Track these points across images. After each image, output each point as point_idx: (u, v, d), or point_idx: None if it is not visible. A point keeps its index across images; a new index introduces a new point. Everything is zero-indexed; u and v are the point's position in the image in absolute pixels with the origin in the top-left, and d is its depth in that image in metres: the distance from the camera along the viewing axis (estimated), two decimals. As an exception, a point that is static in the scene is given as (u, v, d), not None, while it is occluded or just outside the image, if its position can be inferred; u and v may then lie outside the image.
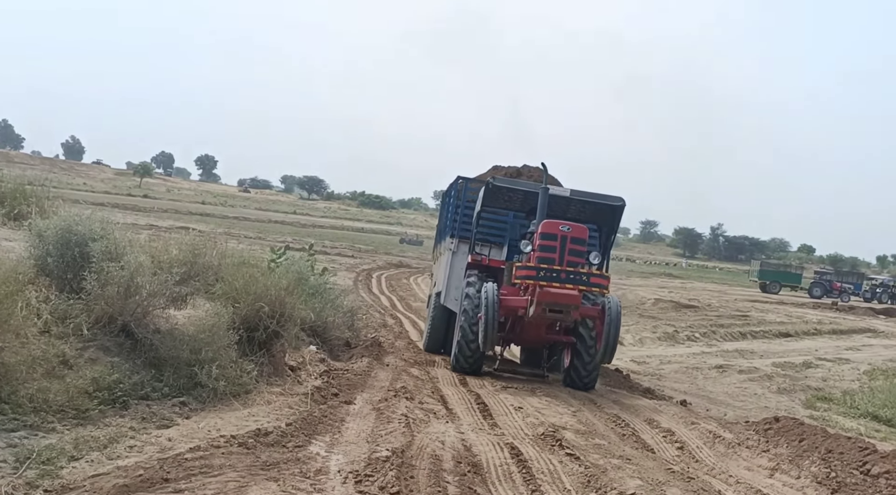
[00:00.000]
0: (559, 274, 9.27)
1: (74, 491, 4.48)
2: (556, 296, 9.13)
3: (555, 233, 9.66)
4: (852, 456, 6.64)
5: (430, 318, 12.59)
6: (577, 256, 9.70)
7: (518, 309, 9.53)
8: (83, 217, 6.78)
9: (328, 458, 5.44)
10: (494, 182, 10.64)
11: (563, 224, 9.81)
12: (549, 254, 9.53)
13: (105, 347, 6.35)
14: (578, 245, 9.77)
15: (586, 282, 9.44)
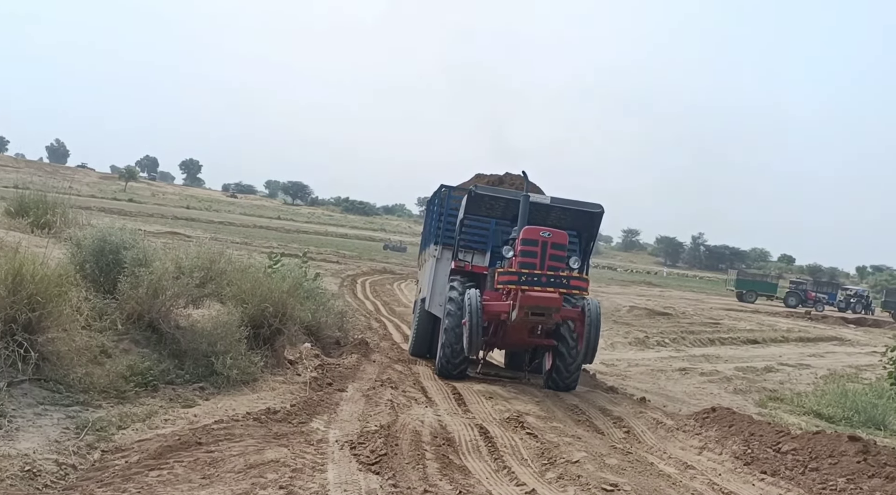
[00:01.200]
0: (540, 278, 9.46)
1: (126, 452, 5.60)
2: (537, 300, 9.34)
3: (536, 239, 9.89)
4: (769, 438, 7.86)
5: (416, 324, 12.80)
6: (557, 261, 9.92)
7: (501, 313, 9.75)
8: (115, 228, 7.87)
9: (327, 432, 6.59)
10: (477, 190, 10.86)
11: (544, 230, 10.04)
12: (531, 259, 9.76)
13: (136, 340, 7.50)
14: (558, 250, 10.00)
15: (567, 285, 9.60)
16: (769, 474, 6.90)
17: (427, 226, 14.66)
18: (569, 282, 9.64)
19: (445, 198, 12.41)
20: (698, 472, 6.82)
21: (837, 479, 6.65)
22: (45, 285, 6.44)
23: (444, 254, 12.00)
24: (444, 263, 11.89)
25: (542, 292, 9.39)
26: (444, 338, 10.25)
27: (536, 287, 9.39)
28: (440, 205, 12.54)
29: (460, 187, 13.27)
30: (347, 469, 5.60)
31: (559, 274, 9.65)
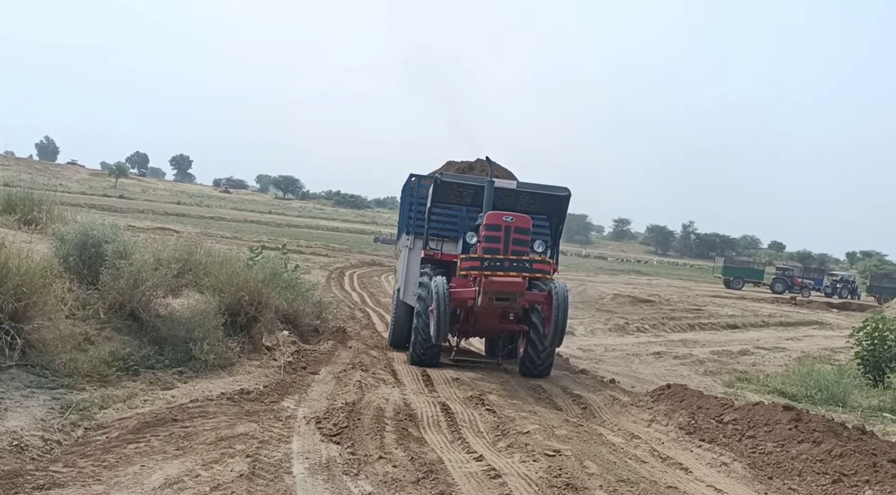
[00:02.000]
0: (503, 262, 9.46)
1: (107, 429, 6.10)
2: (500, 285, 9.37)
3: (499, 224, 9.92)
4: (713, 410, 8.40)
5: (393, 314, 12.74)
6: (521, 245, 9.96)
7: (468, 300, 9.77)
8: (97, 223, 8.34)
9: (296, 409, 7.10)
10: (442, 178, 10.84)
11: (507, 215, 10.04)
12: (494, 244, 9.80)
13: (118, 328, 7.98)
14: (522, 234, 10.00)
15: (530, 269, 9.57)
16: (707, 441, 7.45)
17: (401, 215, 14.56)
18: (531, 266, 9.60)
19: (415, 188, 12.31)
20: (643, 441, 7.35)
21: (768, 444, 7.20)
22: (30, 277, 6.91)
23: (417, 243, 11.92)
24: (416, 253, 11.82)
25: (505, 277, 9.40)
26: (415, 329, 10.30)
27: (499, 272, 9.39)
28: (410, 194, 12.44)
29: (430, 175, 13.06)
30: (311, 440, 6.11)
31: (522, 258, 9.65)
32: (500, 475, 5.62)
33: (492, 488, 5.36)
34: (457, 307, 9.96)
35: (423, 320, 10.14)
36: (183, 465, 5.23)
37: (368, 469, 5.53)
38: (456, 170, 13.68)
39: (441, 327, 9.45)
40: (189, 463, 5.29)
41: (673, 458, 6.76)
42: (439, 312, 9.36)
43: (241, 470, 5.14)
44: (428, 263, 11.03)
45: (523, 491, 5.33)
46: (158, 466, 5.19)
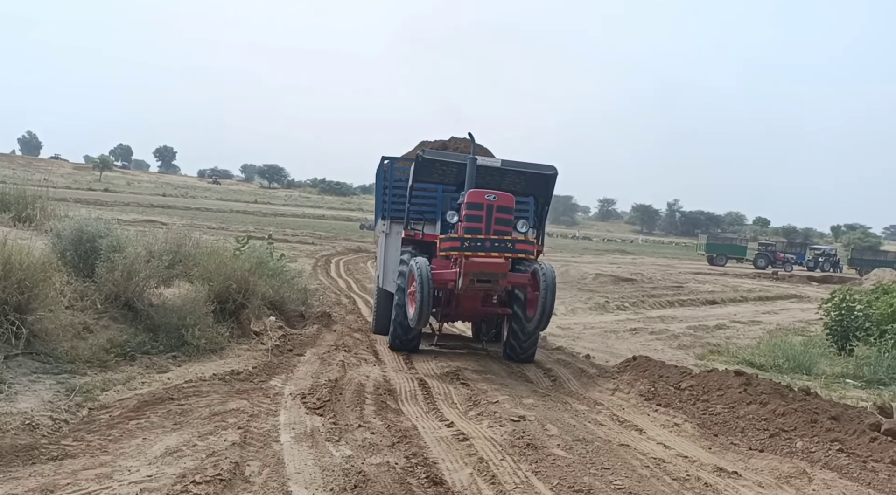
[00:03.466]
0: (484, 243, 9.10)
1: (109, 408, 6.65)
2: (481, 266, 9.03)
3: (480, 203, 9.54)
4: (673, 378, 9.05)
5: (375, 301, 12.57)
6: (503, 225, 9.58)
7: (448, 282, 9.44)
8: (91, 219, 8.85)
9: (283, 387, 7.68)
10: (424, 155, 10.33)
11: (489, 193, 9.65)
12: (476, 223, 9.46)
13: (114, 317, 8.52)
14: (505, 213, 9.62)
15: (512, 250, 9.22)
16: (664, 406, 8.09)
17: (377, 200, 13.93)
18: (514, 246, 9.25)
19: (388, 171, 11.96)
20: (604, 408, 7.98)
21: (718, 406, 7.86)
22: (32, 271, 7.43)
23: (393, 228, 11.66)
24: (393, 238, 11.59)
25: (486, 258, 9.07)
26: (394, 314, 10.03)
27: (481, 252, 9.06)
28: (384, 177, 12.05)
29: (404, 157, 12.89)
30: (296, 413, 6.70)
31: (504, 238, 9.29)
32: (468, 438, 6.23)
33: (459, 449, 5.97)
34: (437, 289, 9.55)
35: (402, 307, 9.79)
36: (181, 437, 5.81)
37: (349, 436, 6.13)
38: (430, 148, 13.30)
39: (423, 310, 9.02)
40: (186, 435, 5.87)
41: (630, 421, 7.39)
42: (422, 295, 8.90)
43: (233, 440, 5.72)
44: (409, 244, 10.69)
45: (488, 450, 5.94)
46: (159, 438, 5.76)
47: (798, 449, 6.52)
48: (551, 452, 5.99)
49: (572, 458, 5.88)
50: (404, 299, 9.74)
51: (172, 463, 5.19)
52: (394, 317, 10.09)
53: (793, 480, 5.78)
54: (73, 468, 5.04)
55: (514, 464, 5.66)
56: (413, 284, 9.19)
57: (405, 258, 10.14)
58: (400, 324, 9.95)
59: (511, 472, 5.49)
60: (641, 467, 5.84)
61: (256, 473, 5.10)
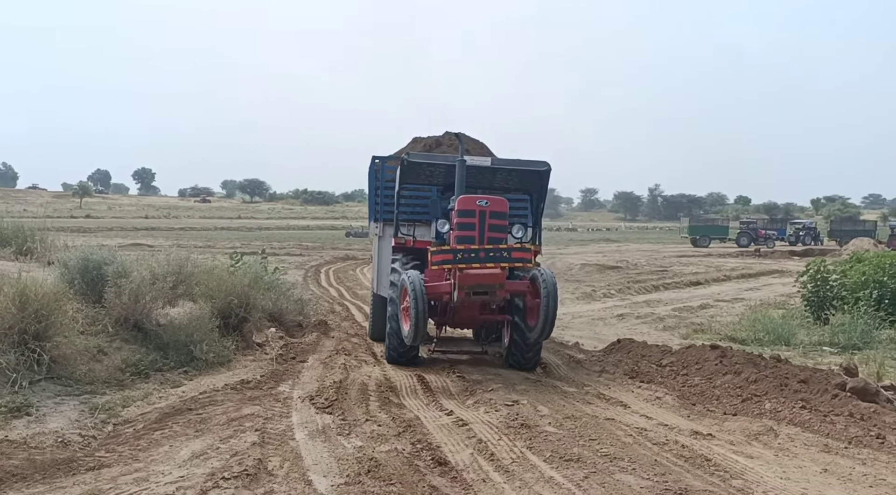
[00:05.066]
0: (478, 253, 8.69)
1: (133, 422, 7.16)
2: (477, 278, 8.64)
3: (472, 209, 9.09)
4: (655, 357, 9.68)
5: (371, 307, 12.27)
6: (498, 231, 9.19)
7: (443, 294, 9.00)
8: (95, 248, 9.34)
9: (292, 392, 8.21)
10: (410, 158, 9.85)
11: (481, 198, 9.18)
12: (468, 232, 9.04)
13: (125, 339, 9.02)
14: (498, 219, 9.21)
15: (508, 259, 8.79)
16: (646, 382, 8.71)
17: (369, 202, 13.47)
18: (510, 255, 8.82)
19: (380, 171, 11.54)
20: (592, 388, 8.58)
21: (696, 379, 8.49)
22: (46, 301, 7.92)
23: (386, 230, 11.28)
24: (386, 241, 11.24)
25: (481, 269, 8.67)
26: (389, 326, 9.58)
27: (475, 264, 8.67)
28: (375, 178, 11.66)
29: (395, 156, 12.47)
30: (307, 413, 7.24)
31: (499, 247, 8.90)
32: (467, 423, 6.80)
33: (460, 433, 6.54)
34: (433, 300, 9.08)
35: (396, 319, 9.39)
36: (204, 442, 6.33)
37: (358, 429, 6.69)
38: (423, 146, 13.00)
39: (419, 328, 8.61)
40: (209, 440, 6.39)
41: (615, 398, 7.99)
42: (416, 311, 8.47)
43: (252, 441, 6.25)
44: (399, 252, 10.23)
45: (486, 432, 6.51)
46: (184, 445, 6.29)
47: (767, 409, 7.14)
48: (543, 430, 6.57)
49: (562, 433, 6.46)
50: (398, 313, 9.34)
51: (201, 465, 5.72)
52: (388, 329, 9.63)
53: (761, 436, 6.39)
54: (112, 475, 5.56)
55: (511, 442, 6.23)
56: (406, 299, 8.78)
57: (396, 267, 9.81)
58: (396, 336, 9.50)
59: (508, 449, 6.07)
60: (625, 436, 6.43)
61: (278, 467, 5.65)
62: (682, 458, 5.87)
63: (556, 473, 5.50)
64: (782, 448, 6.16)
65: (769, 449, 6.16)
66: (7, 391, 7.26)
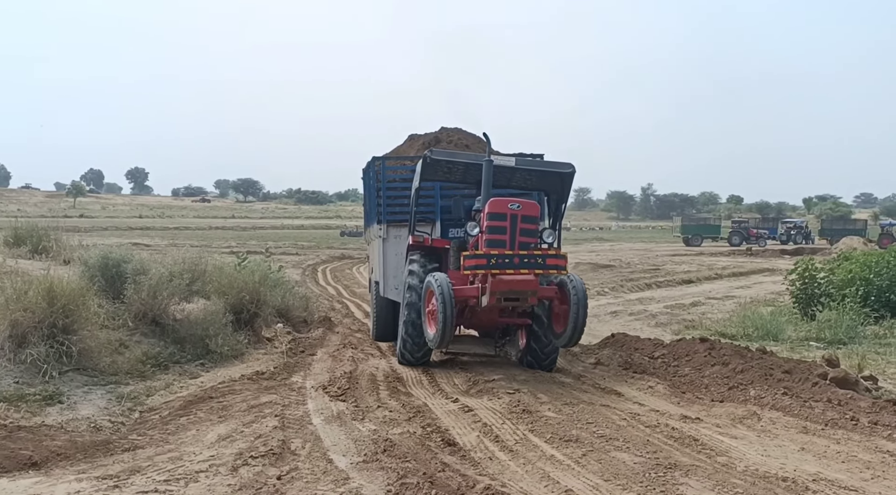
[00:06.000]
0: (512, 259, 8.49)
1: (158, 409, 7.64)
2: (510, 284, 8.42)
3: (504, 213, 8.83)
4: (647, 349, 10.19)
5: (375, 309, 12.13)
6: (529, 236, 8.92)
7: (469, 299, 8.77)
8: (113, 247, 9.79)
9: (304, 382, 8.69)
10: (433, 155, 9.45)
11: (513, 202, 8.95)
12: (499, 236, 8.78)
13: (144, 333, 9.50)
14: (530, 224, 8.96)
15: (543, 265, 8.60)
16: (639, 373, 9.22)
17: (367, 201, 13.40)
18: (545, 262, 8.63)
19: (381, 171, 11.34)
20: (588, 378, 9.08)
21: (686, 369, 9.00)
22: (73, 297, 8.38)
23: (391, 232, 11.16)
24: (392, 243, 11.13)
25: (515, 275, 8.45)
26: (403, 328, 9.47)
27: (508, 270, 8.46)
28: (376, 178, 11.43)
29: (394, 155, 12.49)
30: (322, 401, 7.73)
31: (533, 252, 8.70)
32: (472, 410, 7.29)
33: (466, 418, 7.04)
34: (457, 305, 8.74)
35: (415, 320, 9.24)
36: (228, 426, 6.81)
37: (370, 415, 7.18)
38: (421, 143, 12.73)
39: (445, 333, 8.47)
40: (232, 424, 6.87)
41: (610, 387, 8.50)
42: (445, 315, 8.32)
43: (274, 425, 6.73)
44: (417, 250, 9.94)
45: (490, 417, 7.01)
46: (210, 429, 6.76)
47: (751, 396, 7.65)
48: (544, 415, 7.07)
49: (561, 418, 6.96)
50: (418, 317, 9.18)
51: (228, 446, 6.19)
52: (403, 332, 9.47)
53: (745, 420, 6.91)
54: (147, 455, 6.03)
55: (514, 426, 6.73)
56: (432, 302, 8.64)
57: (415, 269, 9.56)
58: (411, 339, 9.38)
59: (511, 432, 6.56)
60: (619, 420, 6.94)
61: (300, 447, 6.12)
62: (672, 439, 6.37)
63: (557, 452, 5.99)
64: (764, 430, 6.67)
65: (752, 430, 6.67)
66: (39, 381, 7.73)
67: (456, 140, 12.67)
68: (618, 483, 5.30)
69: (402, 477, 5.29)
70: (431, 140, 12.89)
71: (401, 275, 10.19)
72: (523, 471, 5.58)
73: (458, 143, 12.41)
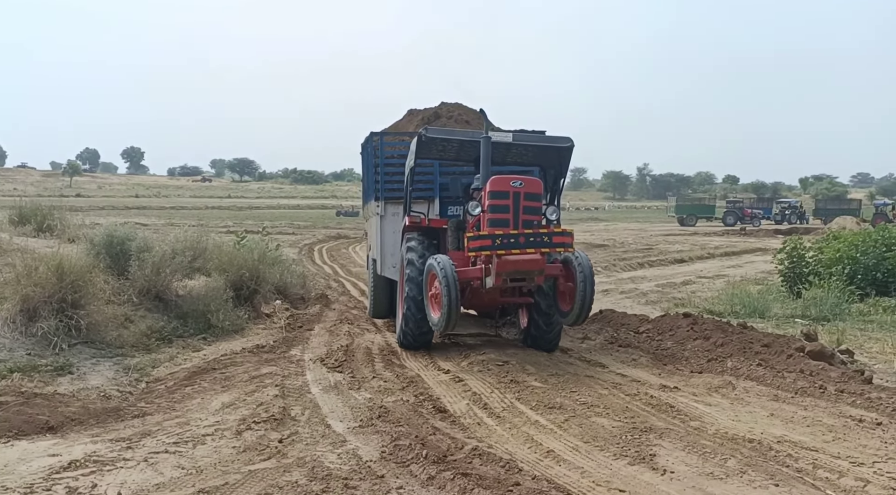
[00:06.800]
0: (518, 238, 8.23)
1: (163, 380, 8.02)
2: (517, 264, 8.22)
3: (506, 191, 8.58)
4: (633, 325, 10.59)
5: (372, 288, 12.10)
6: (532, 214, 8.70)
7: (473, 280, 8.61)
8: (118, 225, 10.13)
9: (303, 355, 9.07)
10: (428, 134, 9.15)
11: (514, 179, 8.68)
12: (502, 214, 8.56)
13: (148, 308, 9.86)
14: (533, 201, 8.72)
15: (549, 244, 8.35)
16: (624, 346, 9.62)
17: (365, 177, 13.19)
18: (551, 240, 8.38)
19: (379, 146, 11.09)
20: (574, 352, 9.46)
21: (669, 343, 9.41)
22: (80, 273, 8.73)
23: (388, 209, 11.00)
24: (389, 220, 10.97)
25: (521, 255, 8.22)
26: (404, 307, 9.24)
27: (514, 250, 8.23)
28: (374, 155, 11.22)
29: (393, 131, 12.21)
30: (319, 372, 8.12)
31: (538, 230, 8.48)
32: (463, 380, 7.69)
33: (457, 387, 7.44)
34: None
35: (416, 305, 9.01)
36: (231, 395, 7.19)
37: (366, 385, 7.57)
38: (420, 119, 12.55)
39: (451, 316, 8.22)
40: (235, 393, 7.25)
41: (595, 360, 8.89)
42: (450, 299, 8.09)
43: (274, 393, 7.11)
44: (414, 231, 9.73)
45: (479, 387, 7.41)
46: (214, 397, 7.15)
47: (728, 367, 8.06)
48: (530, 384, 7.46)
49: (547, 387, 7.35)
50: (418, 299, 8.98)
51: (232, 413, 6.58)
52: (405, 313, 9.24)
53: (721, 389, 7.31)
54: (156, 420, 6.41)
55: (501, 395, 7.12)
56: (434, 285, 8.48)
57: (413, 247, 9.37)
58: (413, 321, 9.16)
59: (499, 400, 6.95)
60: (601, 389, 7.34)
61: (300, 414, 6.51)
62: (650, 406, 6.76)
63: (541, 418, 6.39)
64: (737, 398, 7.06)
65: (726, 398, 7.06)
66: (49, 353, 8.11)
67: (456, 115, 12.47)
68: (596, 444, 5.69)
69: (395, 439, 5.68)
70: (431, 115, 12.65)
71: (398, 253, 10.08)
72: (509, 435, 5.98)
73: (458, 119, 12.25)
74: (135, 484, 4.88)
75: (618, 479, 5.01)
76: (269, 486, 4.80)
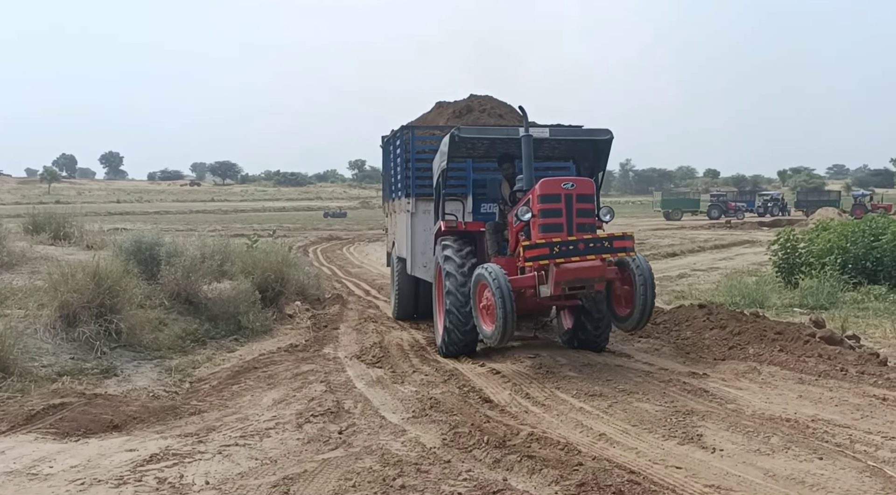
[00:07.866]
0: (576, 245, 7.76)
1: (207, 380, 8.26)
2: (576, 272, 7.76)
3: (557, 194, 8.06)
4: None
5: (397, 287, 11.71)
6: (586, 217, 8.18)
7: (526, 289, 8.14)
8: (144, 231, 10.36)
9: (337, 353, 9.35)
10: (461, 133, 8.77)
11: (566, 180, 8.20)
12: (555, 219, 8.03)
13: (180, 311, 10.09)
14: (586, 203, 8.21)
15: (610, 249, 7.92)
16: (645, 337, 9.98)
17: (389, 172, 12.65)
18: (612, 245, 7.94)
19: (410, 141, 10.74)
20: (597, 344, 9.80)
21: (688, 332, 9.79)
22: (116, 279, 8.94)
23: (420, 206, 10.62)
24: (420, 218, 10.59)
25: (581, 262, 7.75)
26: (446, 322, 8.86)
27: (574, 257, 7.75)
28: (404, 149, 10.84)
29: (422, 125, 11.89)
30: (360, 368, 8.40)
31: (598, 235, 8.05)
32: (500, 372, 8.00)
33: (495, 378, 7.76)
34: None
35: (461, 314, 8.61)
36: (279, 392, 7.45)
37: (408, 379, 7.87)
38: (452, 112, 12.23)
39: (507, 329, 7.75)
40: (283, 390, 7.52)
41: (619, 351, 9.25)
42: (505, 311, 7.62)
43: (322, 389, 7.39)
44: (449, 237, 9.24)
45: (517, 377, 7.73)
46: (263, 394, 7.41)
47: (750, 354, 8.44)
48: (566, 374, 7.80)
49: (583, 377, 7.69)
50: (462, 310, 8.61)
51: (286, 408, 6.84)
52: (446, 325, 8.89)
53: (747, 374, 7.69)
54: (214, 417, 6.67)
55: (541, 384, 7.45)
56: (486, 296, 7.98)
57: (450, 256, 8.90)
58: (456, 333, 8.80)
59: (539, 389, 7.28)
60: (635, 377, 7.68)
61: (353, 407, 6.79)
62: (685, 391, 7.12)
63: (585, 405, 6.72)
64: (765, 382, 7.44)
65: (754, 383, 7.44)
66: (92, 357, 8.32)
67: (489, 108, 12.07)
68: (644, 427, 6.03)
69: (453, 427, 5.98)
70: (462, 108, 12.22)
71: (429, 252, 9.75)
72: (558, 421, 6.30)
73: (490, 112, 11.86)
74: (218, 474, 5.14)
75: (672, 458, 5.34)
76: (346, 472, 5.08)
